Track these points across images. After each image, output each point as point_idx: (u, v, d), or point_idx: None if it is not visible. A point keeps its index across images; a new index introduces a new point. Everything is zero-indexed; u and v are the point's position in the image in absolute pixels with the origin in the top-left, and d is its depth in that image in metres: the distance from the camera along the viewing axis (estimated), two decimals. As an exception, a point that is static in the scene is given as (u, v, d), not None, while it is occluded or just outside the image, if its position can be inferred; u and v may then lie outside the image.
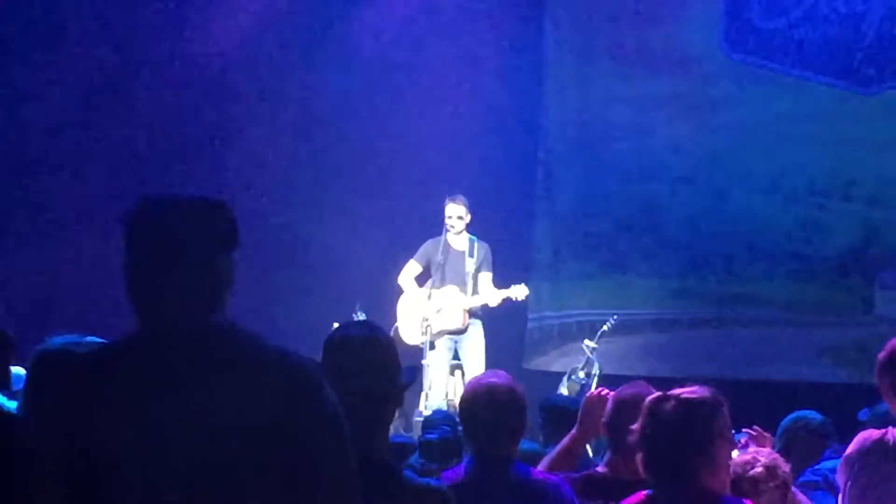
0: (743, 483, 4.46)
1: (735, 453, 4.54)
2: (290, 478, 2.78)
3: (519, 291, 10.84)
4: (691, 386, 4.19)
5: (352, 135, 12.43)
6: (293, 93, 12.24)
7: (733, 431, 4.34)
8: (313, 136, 12.38)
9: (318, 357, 3.65)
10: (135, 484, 2.74)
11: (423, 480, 3.86)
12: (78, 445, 2.76)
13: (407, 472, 3.77)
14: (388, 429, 3.78)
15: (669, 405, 4.09)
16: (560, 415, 5.96)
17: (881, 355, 4.79)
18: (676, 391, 4.15)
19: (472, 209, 11.02)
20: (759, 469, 4.52)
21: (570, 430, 5.35)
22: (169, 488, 2.73)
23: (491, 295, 10.86)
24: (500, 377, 4.65)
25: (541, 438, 6.95)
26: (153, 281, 2.86)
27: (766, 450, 4.75)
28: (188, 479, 2.73)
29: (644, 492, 4.19)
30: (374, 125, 12.41)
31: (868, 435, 4.60)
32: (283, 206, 11.83)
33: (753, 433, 5.27)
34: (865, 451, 4.52)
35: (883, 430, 4.59)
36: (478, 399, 4.56)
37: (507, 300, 10.88)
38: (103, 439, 2.75)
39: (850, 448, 4.62)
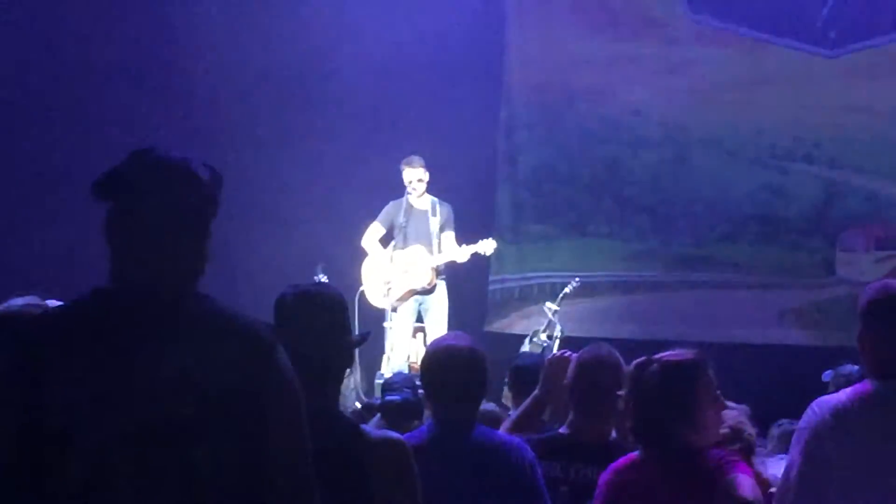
0: None
1: None
2: (240, 441, 2.76)
3: (486, 246, 10.79)
4: (673, 349, 4.20)
5: (311, 96, 12.35)
6: (253, 52, 12.12)
7: None
8: (271, 99, 12.29)
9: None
10: (84, 443, 2.71)
11: (381, 432, 3.87)
12: (30, 405, 2.73)
13: (365, 426, 3.77)
14: (339, 386, 3.78)
15: (652, 369, 4.11)
16: (528, 375, 5.94)
17: (864, 300, 4.26)
18: (659, 355, 4.16)
19: (432, 172, 10.98)
20: (724, 430, 4.51)
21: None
22: (118, 448, 2.71)
23: (458, 251, 10.79)
24: (461, 339, 4.63)
25: (509, 399, 6.93)
26: (141, 239, 2.84)
27: (733, 412, 4.73)
28: (138, 439, 2.72)
29: (632, 454, 4.21)
30: (335, 87, 12.33)
31: (821, 402, 4.35)
32: (244, 168, 11.74)
33: None
34: (818, 422, 4.25)
35: (836, 396, 4.35)
36: (439, 361, 4.54)
37: (476, 255, 10.83)
38: (55, 398, 2.72)
39: (803, 420, 4.36)
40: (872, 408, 4.09)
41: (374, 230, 11.15)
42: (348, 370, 3.80)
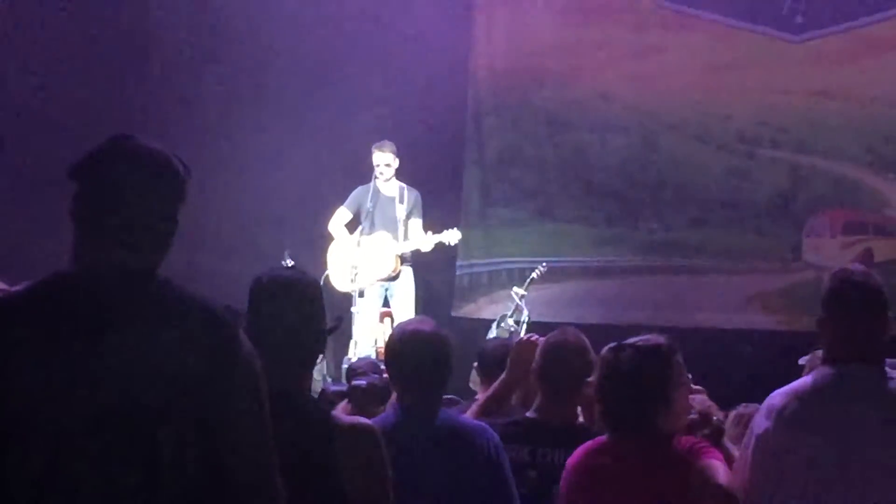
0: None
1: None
2: (202, 426, 2.75)
3: (451, 236, 10.80)
4: (642, 334, 4.22)
5: (278, 79, 12.30)
6: (218, 39, 12.06)
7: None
8: (234, 80, 12.24)
9: (244, 304, 3.63)
10: (46, 427, 2.70)
11: (352, 418, 3.86)
12: None
13: (334, 412, 3.76)
14: (311, 372, 3.77)
15: (625, 354, 4.13)
16: (497, 360, 5.94)
17: (825, 286, 4.26)
18: (631, 340, 4.18)
19: (400, 156, 10.97)
20: (693, 416, 4.53)
21: None
22: (79, 433, 2.69)
23: (423, 240, 10.80)
24: (426, 323, 4.63)
25: (477, 384, 6.92)
26: (109, 224, 2.85)
27: (700, 397, 4.74)
28: (99, 423, 2.70)
29: (599, 438, 4.22)
30: (301, 70, 12.29)
31: (775, 394, 4.20)
32: (211, 151, 11.70)
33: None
34: (773, 408, 4.13)
35: (791, 385, 4.22)
36: (403, 345, 4.53)
37: (440, 245, 10.84)
38: (16, 381, 2.70)
39: (758, 414, 4.21)
40: (829, 392, 4.09)
41: (341, 215, 11.12)
42: (321, 355, 3.79)
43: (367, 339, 10.80)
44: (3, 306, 2.86)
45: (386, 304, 11.15)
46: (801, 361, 6.27)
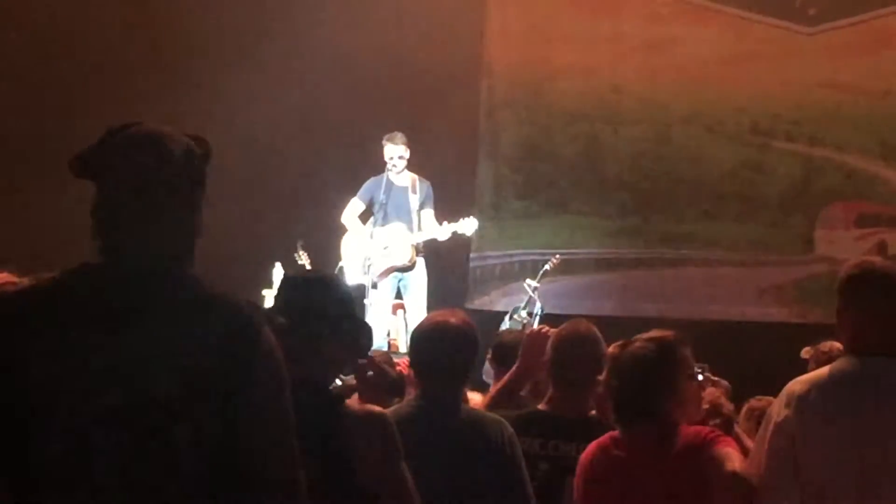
0: None
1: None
2: (224, 420, 2.74)
3: (467, 225, 10.74)
4: (652, 329, 4.29)
5: (288, 69, 12.30)
6: (236, 35, 12.08)
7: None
8: (248, 69, 12.25)
9: (260, 296, 3.65)
10: (62, 419, 2.69)
11: (362, 406, 3.90)
12: (11, 379, 2.70)
13: (348, 402, 3.78)
14: (339, 368, 3.81)
15: (632, 347, 4.17)
16: (511, 352, 5.95)
17: (843, 277, 4.21)
18: (639, 336, 4.25)
19: (413, 150, 10.95)
20: (703, 407, 4.55)
21: None
22: (96, 425, 2.68)
23: (439, 229, 10.74)
24: (455, 316, 4.61)
25: (491, 376, 6.93)
26: (132, 213, 2.81)
27: (709, 389, 4.77)
28: (119, 416, 2.69)
29: (609, 434, 4.24)
30: (314, 60, 12.28)
31: (794, 383, 4.13)
32: (220, 144, 11.68)
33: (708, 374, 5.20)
34: (791, 400, 4.04)
35: (811, 375, 4.20)
36: (431, 337, 4.52)
37: (456, 234, 10.79)
38: (34, 372, 2.70)
39: (774, 404, 4.17)
40: (852, 383, 4.05)
41: (354, 206, 11.10)
42: None
43: (380, 330, 10.78)
44: (26, 297, 2.87)
45: (398, 295, 11.13)
46: (804, 354, 6.28)
